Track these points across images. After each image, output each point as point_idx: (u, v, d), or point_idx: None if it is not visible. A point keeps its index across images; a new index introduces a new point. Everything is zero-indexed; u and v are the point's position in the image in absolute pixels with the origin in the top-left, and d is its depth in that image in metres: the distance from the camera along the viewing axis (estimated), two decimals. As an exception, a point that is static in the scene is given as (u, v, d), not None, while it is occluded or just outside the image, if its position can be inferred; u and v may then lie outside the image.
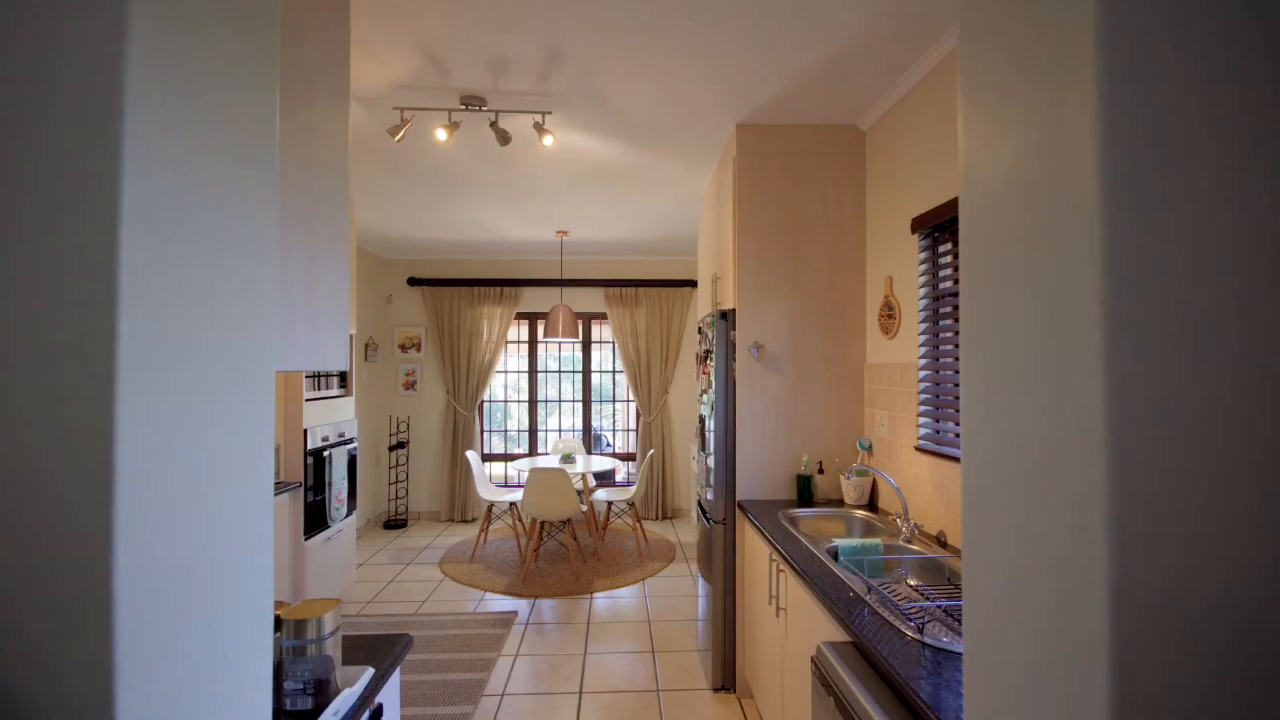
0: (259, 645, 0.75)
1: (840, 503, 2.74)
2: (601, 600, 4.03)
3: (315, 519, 3.48)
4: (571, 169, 3.49)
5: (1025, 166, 0.68)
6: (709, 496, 2.98)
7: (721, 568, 2.84)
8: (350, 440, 3.90)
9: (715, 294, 3.34)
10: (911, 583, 1.93)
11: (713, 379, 2.95)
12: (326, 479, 3.58)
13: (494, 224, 4.85)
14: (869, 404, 2.82)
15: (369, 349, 5.76)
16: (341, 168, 1.08)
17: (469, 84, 2.48)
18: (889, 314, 2.62)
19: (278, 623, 1.08)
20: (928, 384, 2.33)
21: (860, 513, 2.56)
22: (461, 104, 2.59)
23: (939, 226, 2.28)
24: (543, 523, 4.52)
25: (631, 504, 5.03)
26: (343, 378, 3.91)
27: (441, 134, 2.59)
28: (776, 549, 2.12)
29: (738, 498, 2.83)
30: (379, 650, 1.31)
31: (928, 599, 1.57)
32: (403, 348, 6.16)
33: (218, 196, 0.66)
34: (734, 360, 2.87)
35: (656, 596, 4.08)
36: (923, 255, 2.38)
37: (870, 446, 2.76)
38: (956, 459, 2.08)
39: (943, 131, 2.22)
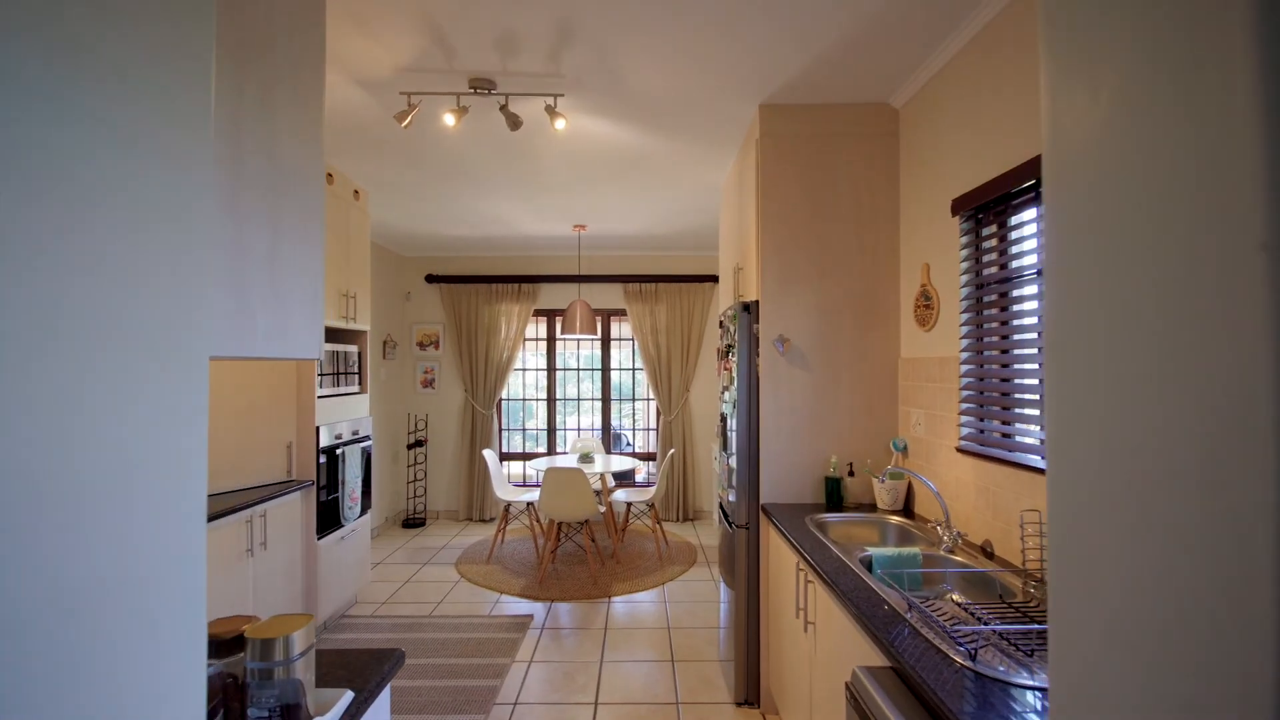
0: (186, 685, 0.63)
1: (873, 507, 2.56)
2: (620, 605, 3.90)
3: (328, 518, 3.41)
4: (586, 158, 3.36)
5: (1143, 102, 0.52)
6: (731, 499, 2.82)
7: (745, 575, 2.69)
8: (365, 438, 3.83)
9: (737, 286, 3.18)
10: (957, 599, 1.76)
11: (734, 375, 2.79)
12: (340, 477, 3.51)
13: (511, 218, 4.75)
14: (904, 401, 2.63)
15: (387, 346, 5.72)
16: (314, 133, 0.96)
17: (477, 65, 2.37)
18: (926, 304, 2.43)
19: (241, 642, 0.97)
20: (970, 379, 2.14)
21: (895, 519, 2.38)
22: (470, 87, 2.48)
23: (983, 207, 2.09)
24: (560, 524, 4.41)
25: (651, 505, 4.89)
26: (359, 374, 3.85)
27: (449, 119, 2.48)
28: (804, 557, 1.96)
29: (761, 501, 2.67)
30: (364, 669, 1.19)
31: (979, 620, 1.40)
32: (421, 345, 6.11)
33: (126, 145, 0.54)
34: (757, 355, 2.70)
35: (677, 602, 3.93)
36: (964, 240, 2.19)
37: (905, 447, 2.57)
38: (1004, 461, 1.89)
39: (989, 104, 2.03)
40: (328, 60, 2.29)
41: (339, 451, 3.51)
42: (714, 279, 5.92)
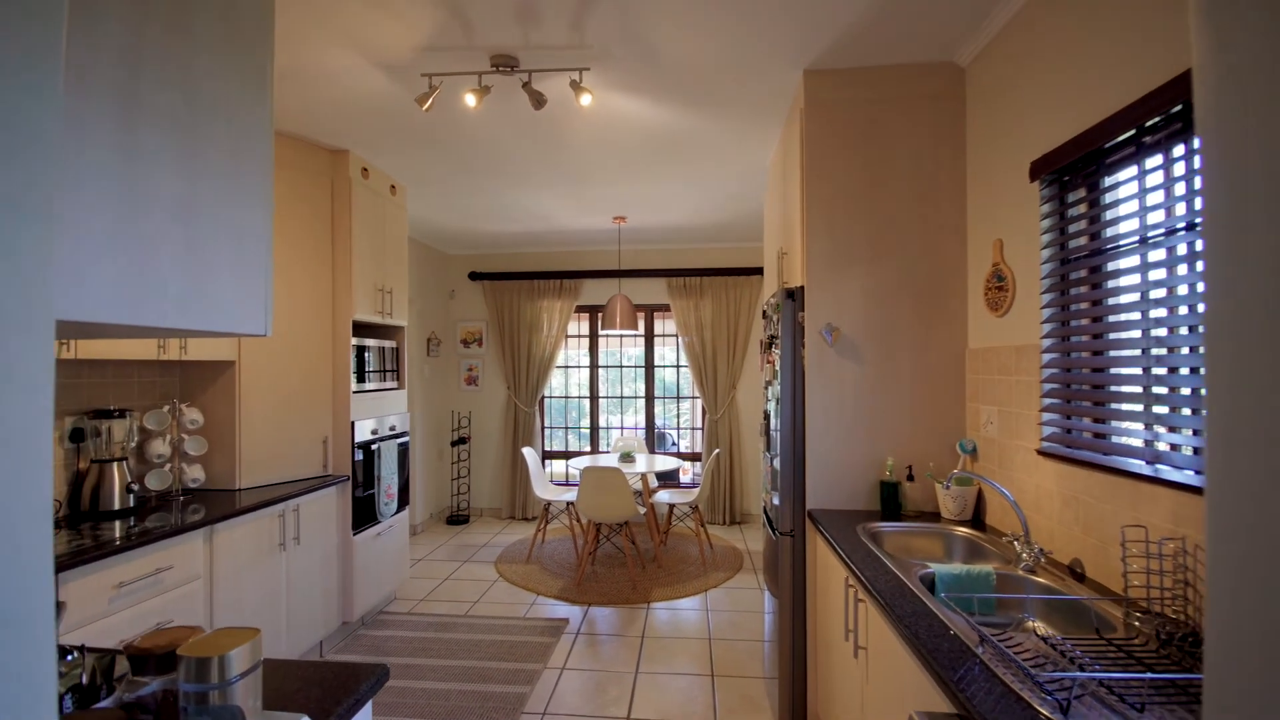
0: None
1: (936, 516, 2.27)
2: (659, 611, 3.71)
3: (364, 513, 3.39)
4: (620, 142, 3.20)
5: None
6: (775, 502, 2.59)
7: (790, 587, 2.45)
8: (402, 434, 3.80)
9: (781, 272, 2.93)
10: (1040, 630, 1.48)
11: (778, 369, 2.56)
12: (375, 473, 3.49)
13: (550, 212, 4.64)
14: (972, 397, 2.33)
15: (431, 344, 5.74)
16: (254, 76, 0.82)
17: (498, 40, 2.24)
18: (999, 286, 2.13)
19: (175, 660, 0.84)
20: (1055, 370, 1.84)
21: (962, 530, 2.09)
22: (492, 65, 2.36)
23: (1069, 168, 1.78)
24: (600, 524, 4.26)
25: (694, 507, 4.68)
26: (396, 370, 3.82)
27: (470, 99, 2.36)
28: (854, 572, 1.72)
29: (808, 506, 2.42)
30: (338, 688, 1.05)
31: (1071, 661, 1.14)
32: (464, 343, 6.12)
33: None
34: (802, 346, 2.46)
35: (720, 611, 3.71)
36: (1045, 209, 1.89)
37: (974, 449, 2.27)
38: (1098, 466, 1.60)
39: (1076, 46, 1.73)
40: (346, 40, 2.22)
41: (375, 447, 3.48)
42: (761, 271, 5.65)
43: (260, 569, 2.65)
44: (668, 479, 5.95)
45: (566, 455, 6.16)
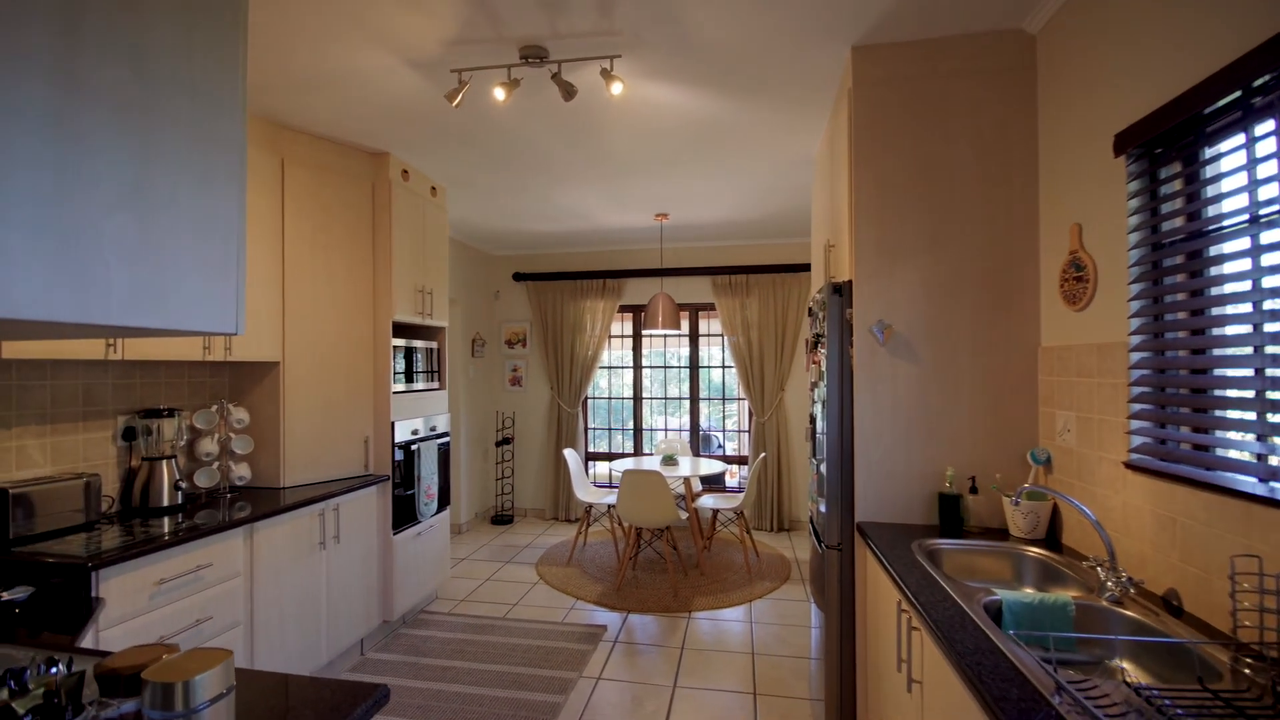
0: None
1: (1003, 534, 2.05)
2: (701, 621, 3.57)
3: (404, 513, 3.40)
4: (657, 135, 3.08)
5: None
6: (822, 510, 2.42)
7: (838, 604, 2.27)
8: (442, 435, 3.81)
9: (828, 265, 2.75)
10: (1129, 675, 1.27)
11: (824, 369, 2.38)
12: (415, 473, 3.50)
13: (589, 211, 4.58)
14: (1046, 401, 2.09)
15: (475, 344, 5.79)
16: (223, 50, 0.76)
17: (525, 31, 2.17)
18: (1077, 276, 1.89)
19: (140, 684, 0.79)
20: (1145, 371, 1.61)
21: (1034, 551, 1.87)
22: (521, 57, 2.29)
23: (1162, 139, 1.55)
24: (641, 529, 4.16)
25: (739, 513, 4.51)
26: (437, 371, 3.84)
27: (499, 93, 2.30)
28: (907, 595, 1.54)
29: (857, 518, 2.24)
30: (329, 710, 0.99)
31: (1168, 718, 0.95)
32: (509, 343, 6.14)
33: None
34: (850, 345, 2.28)
35: (764, 623, 3.54)
36: (1134, 187, 1.65)
37: (1049, 459, 2.04)
38: (1200, 484, 1.37)
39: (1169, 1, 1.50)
40: (376, 39, 2.20)
41: (415, 447, 3.50)
42: (810, 268, 5.41)
43: (300, 567, 2.68)
44: (712, 483, 5.79)
45: (610, 457, 6.09)
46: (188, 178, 0.72)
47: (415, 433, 3.53)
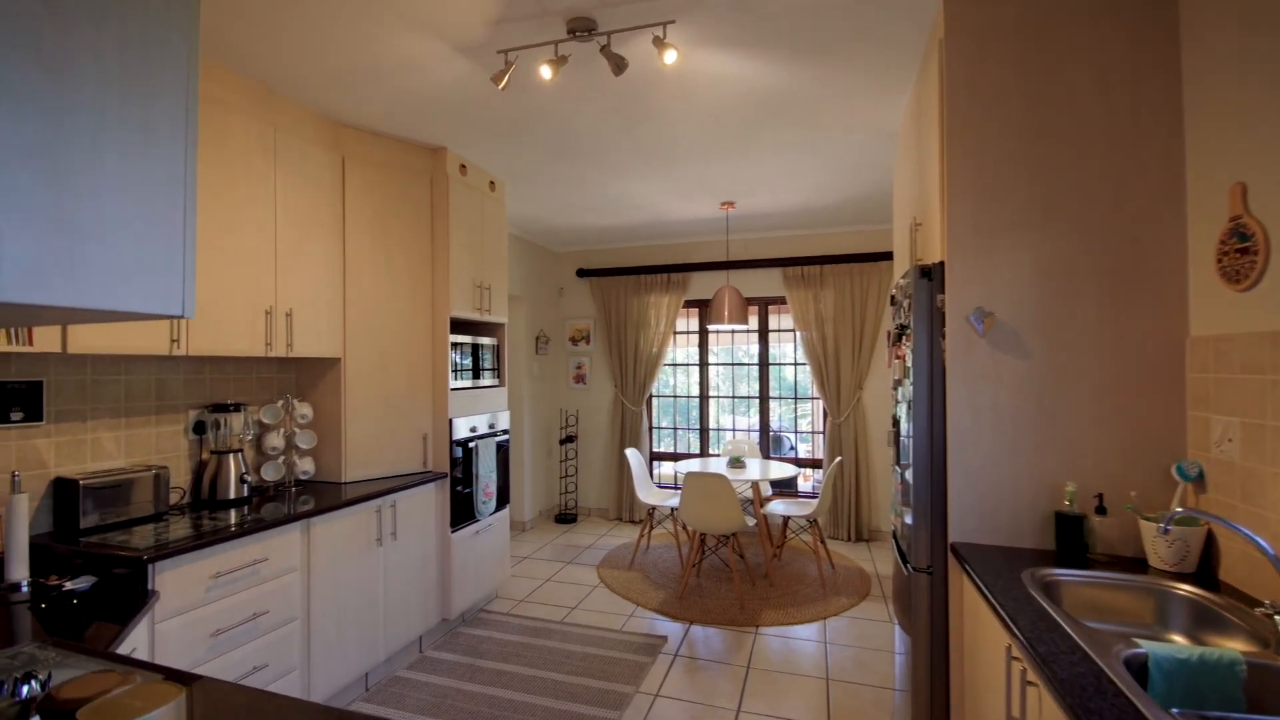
0: None
1: (1139, 564, 1.69)
2: (769, 638, 3.31)
3: (463, 511, 3.36)
4: (717, 112, 2.85)
5: None
6: (907, 521, 2.12)
7: (927, 635, 1.98)
8: (501, 432, 3.76)
9: (914, 247, 2.42)
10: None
11: (909, 365, 2.08)
12: (474, 471, 3.46)
13: (651, 202, 4.40)
14: (1197, 404, 1.71)
15: (539, 342, 5.76)
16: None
17: (571, 1, 2.01)
18: (1241, 248, 1.51)
19: (78, 726, 0.68)
20: (1351, 366, 1.23)
21: (1184, 589, 1.51)
22: (568, 31, 2.14)
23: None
24: (704, 534, 3.94)
25: (812, 521, 4.19)
26: (497, 368, 3.79)
27: (546, 71, 2.17)
28: (1020, 640, 1.26)
29: (951, 538, 1.93)
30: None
31: None
32: (573, 341, 6.08)
33: None
34: (942, 337, 1.97)
35: (841, 645, 3.23)
36: (1332, 126, 1.28)
37: (1201, 475, 1.66)
38: None
39: None
40: (421, 25, 2.11)
41: (473, 445, 3.45)
42: (891, 256, 4.98)
43: (357, 563, 2.67)
44: (783, 487, 5.47)
45: (675, 457, 5.90)
46: (117, 134, 0.60)
47: (474, 430, 3.48)
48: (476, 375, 3.58)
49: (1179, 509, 1.46)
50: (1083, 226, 1.84)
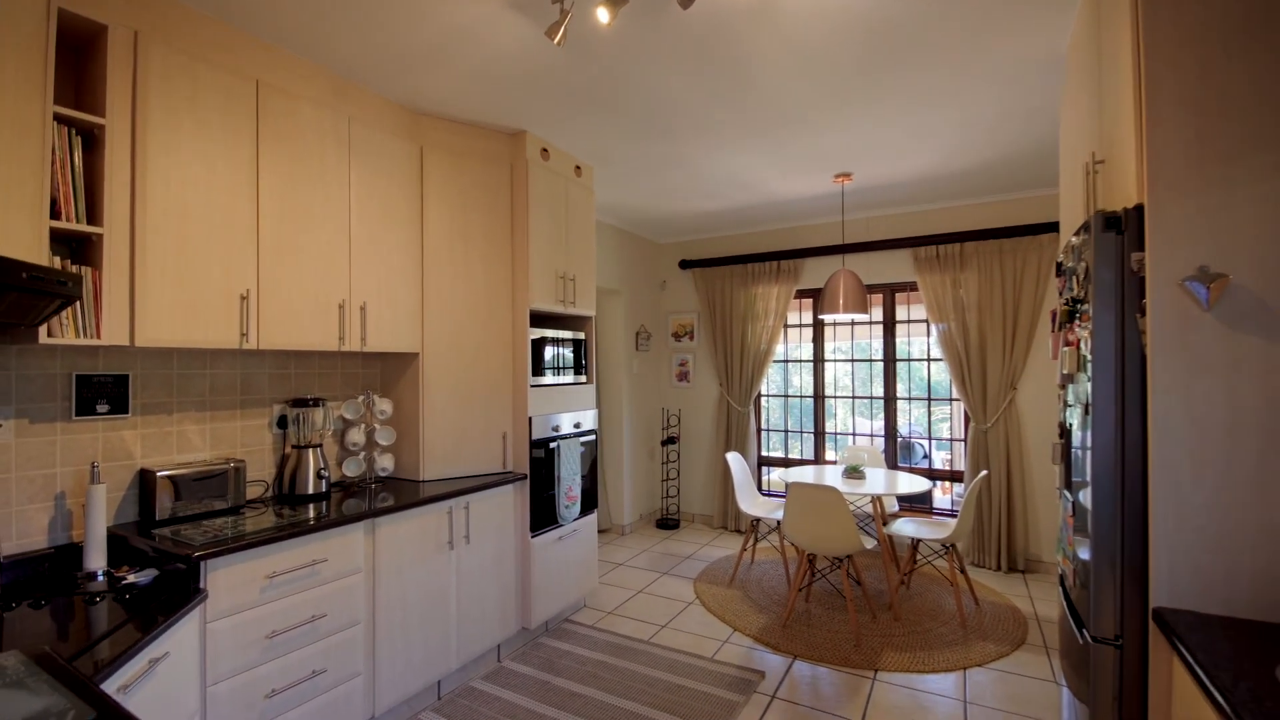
0: None
1: None
2: (891, 686, 2.76)
3: (544, 515, 3.18)
4: (815, 57, 2.37)
5: None
6: (1083, 558, 1.55)
7: (1113, 714, 1.40)
8: (587, 432, 3.54)
9: (1091, 193, 1.78)
10: None
11: (1086, 354, 1.51)
12: (555, 473, 3.26)
13: (753, 178, 3.96)
14: None
15: (640, 337, 5.51)
16: None
17: (627, -79, 1.69)
18: None
19: None
20: None
21: None
22: (628, -37, 1.82)
23: None
24: (813, 554, 3.44)
25: (949, 546, 3.51)
26: (584, 364, 3.58)
27: (603, 14, 1.86)
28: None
29: (1153, 600, 1.34)
30: None
31: None
32: (675, 336, 5.77)
33: None
34: (1140, 313, 1.39)
35: (985, 706, 2.60)
36: None
37: None
38: None
39: None
40: (464, -24, 1.90)
41: (554, 445, 3.26)
42: (1051, 228, 4.08)
43: (426, 567, 2.56)
44: (914, 503, 4.74)
45: (786, 463, 5.37)
46: None
47: (556, 429, 3.29)
48: (561, 372, 3.38)
49: None
50: (1394, 133, 1.18)
